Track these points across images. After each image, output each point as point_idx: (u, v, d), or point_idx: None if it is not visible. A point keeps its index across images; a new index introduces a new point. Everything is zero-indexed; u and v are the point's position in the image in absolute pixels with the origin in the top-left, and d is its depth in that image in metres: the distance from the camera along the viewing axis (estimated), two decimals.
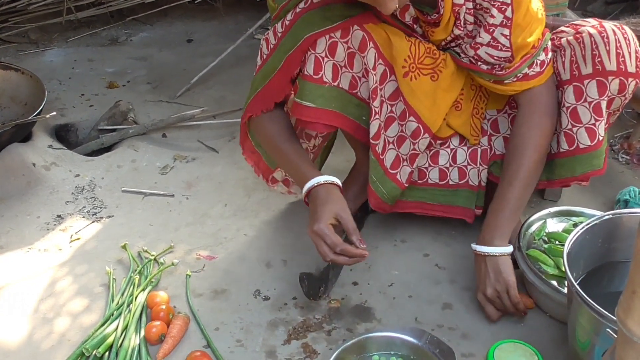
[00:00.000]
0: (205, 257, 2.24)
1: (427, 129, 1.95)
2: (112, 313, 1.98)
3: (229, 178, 2.63)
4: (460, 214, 2.17)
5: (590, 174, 1.99)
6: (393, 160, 2.02)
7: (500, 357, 1.70)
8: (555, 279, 1.95)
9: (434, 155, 2.08)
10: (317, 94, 1.91)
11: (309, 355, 1.89)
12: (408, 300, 2.07)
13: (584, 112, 1.92)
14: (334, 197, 1.88)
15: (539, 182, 2.05)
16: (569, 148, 1.97)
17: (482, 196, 2.15)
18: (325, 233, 1.81)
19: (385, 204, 2.08)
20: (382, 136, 1.98)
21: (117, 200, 2.53)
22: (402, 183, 2.04)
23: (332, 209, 1.84)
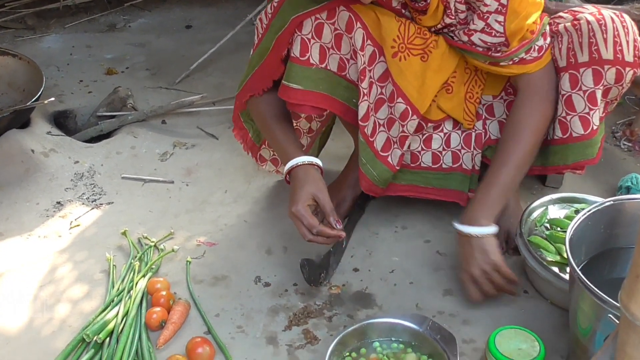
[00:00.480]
0: (206, 243, 2.25)
1: (415, 110, 1.94)
2: (112, 299, 1.99)
3: (228, 165, 2.63)
4: (453, 197, 2.17)
5: (583, 163, 1.99)
6: (384, 143, 2.01)
7: (501, 343, 1.71)
8: (556, 266, 1.95)
9: (427, 139, 2.08)
10: (303, 76, 1.91)
11: (310, 341, 1.89)
12: (409, 286, 2.08)
13: (578, 101, 1.91)
14: (311, 177, 1.90)
15: (534, 168, 2.05)
16: (562, 136, 1.97)
17: (476, 180, 2.14)
18: (302, 215, 1.86)
19: (377, 187, 2.07)
20: (372, 118, 1.97)
21: (117, 187, 2.53)
22: (394, 166, 2.03)
23: (309, 190, 1.88)
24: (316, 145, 2.41)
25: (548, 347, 1.73)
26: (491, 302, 2.00)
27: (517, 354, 1.68)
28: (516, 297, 1.97)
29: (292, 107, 1.97)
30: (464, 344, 1.88)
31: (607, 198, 1.85)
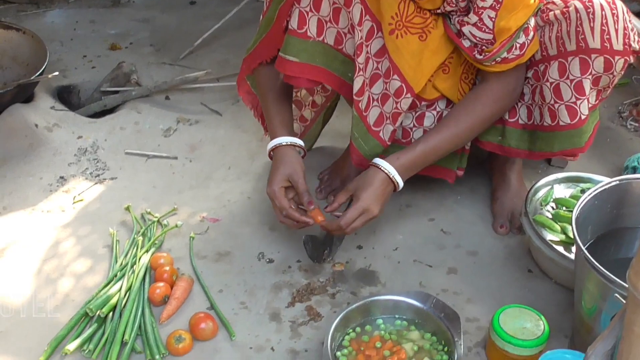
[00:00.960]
0: (209, 219, 2.24)
1: (409, 89, 1.92)
2: (115, 274, 1.98)
3: (232, 141, 2.62)
4: (442, 174, 2.15)
5: (570, 152, 1.97)
6: (377, 118, 1.99)
7: (505, 322, 1.70)
8: (561, 245, 1.94)
9: (420, 116, 2.06)
10: (300, 49, 1.90)
11: (313, 317, 1.89)
12: (412, 264, 2.07)
13: (565, 90, 1.88)
14: (288, 158, 1.95)
15: (519, 151, 2.05)
16: (551, 123, 1.95)
17: (465, 158, 2.13)
18: (275, 196, 1.92)
19: (367, 161, 2.05)
20: (367, 93, 1.95)
21: (120, 162, 2.52)
22: (385, 141, 2.02)
23: (284, 172, 1.92)
24: (320, 120, 2.40)
25: (552, 327, 1.72)
26: (495, 281, 2.00)
27: (521, 333, 1.68)
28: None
29: (289, 79, 1.96)
30: (467, 322, 1.88)
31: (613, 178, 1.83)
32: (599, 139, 2.14)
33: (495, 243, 2.15)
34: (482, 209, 2.28)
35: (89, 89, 2.97)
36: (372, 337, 1.79)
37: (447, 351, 1.74)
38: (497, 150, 2.09)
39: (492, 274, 2.04)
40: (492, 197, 2.29)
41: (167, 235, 2.16)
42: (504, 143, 2.06)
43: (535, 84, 1.95)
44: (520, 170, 2.27)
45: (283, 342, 1.84)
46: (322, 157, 2.41)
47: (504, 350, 1.69)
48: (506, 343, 1.68)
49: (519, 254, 2.10)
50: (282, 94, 2.07)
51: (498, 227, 2.19)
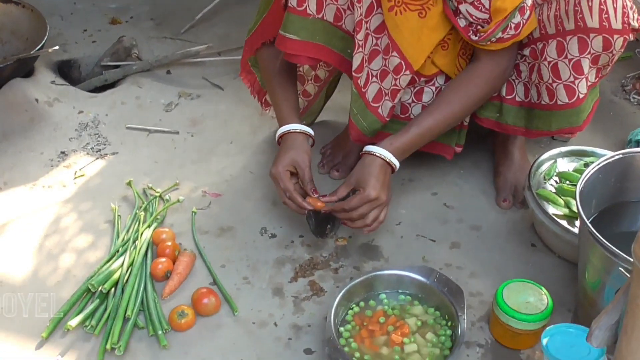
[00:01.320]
0: (211, 194, 2.23)
1: (408, 66, 1.91)
2: (117, 249, 1.98)
3: (234, 115, 2.60)
4: (440, 150, 2.14)
5: (567, 130, 1.96)
6: (375, 94, 1.99)
7: (508, 296, 1.70)
8: (565, 219, 1.93)
9: (418, 92, 2.04)
10: (300, 26, 1.90)
11: (316, 292, 1.89)
12: (416, 239, 2.07)
13: (563, 69, 1.86)
14: (296, 144, 1.95)
15: (516, 128, 2.05)
16: (549, 102, 1.93)
17: (464, 135, 2.12)
18: (280, 177, 1.92)
19: (365, 137, 2.06)
20: (366, 69, 1.95)
21: (122, 137, 2.50)
22: (383, 117, 2.01)
23: (291, 157, 1.93)
24: (323, 95, 2.39)
25: (556, 301, 1.72)
26: (499, 255, 2.00)
27: (524, 307, 1.67)
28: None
29: (289, 57, 1.96)
30: (471, 296, 1.87)
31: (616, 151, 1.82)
32: (602, 113, 2.13)
33: (498, 217, 2.14)
34: (485, 183, 2.26)
35: (90, 63, 2.95)
36: (376, 312, 1.79)
37: (450, 326, 1.74)
38: (495, 127, 2.08)
39: (495, 248, 2.03)
40: (495, 171, 2.28)
41: (169, 210, 2.15)
42: (501, 120, 2.05)
43: (533, 62, 1.93)
44: (523, 145, 2.26)
45: (286, 317, 1.84)
46: (324, 132, 2.39)
47: (508, 324, 1.69)
48: (510, 317, 1.67)
49: (522, 228, 2.09)
50: (287, 76, 2.07)
51: (501, 202, 2.18)
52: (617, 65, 2.01)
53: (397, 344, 1.71)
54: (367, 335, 1.74)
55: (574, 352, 1.50)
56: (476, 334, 1.79)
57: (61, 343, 1.77)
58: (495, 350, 1.75)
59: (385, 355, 1.69)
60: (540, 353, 1.71)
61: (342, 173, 2.27)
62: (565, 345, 1.52)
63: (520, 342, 1.73)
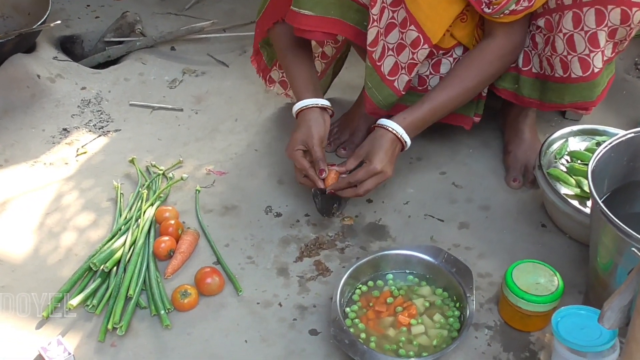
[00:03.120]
0: (215, 172, 2.22)
1: (427, 40, 1.89)
2: (119, 228, 1.96)
3: (239, 93, 2.59)
4: (459, 121, 2.13)
5: (580, 105, 1.94)
6: (391, 67, 1.97)
7: (518, 277, 1.67)
8: (576, 199, 1.90)
9: (436, 63, 2.03)
10: (315, 2, 1.88)
11: (322, 272, 1.87)
12: (423, 218, 2.05)
13: (579, 41, 1.82)
14: (309, 122, 1.95)
15: (532, 100, 2.02)
16: (563, 75, 1.90)
17: (482, 104, 2.11)
18: (295, 158, 1.93)
19: (381, 110, 2.05)
20: (381, 42, 1.93)
21: (125, 114, 2.49)
22: (399, 90, 2.00)
23: (301, 136, 1.94)
24: (330, 72, 2.37)
25: (567, 282, 1.70)
26: (508, 235, 1.98)
27: (534, 289, 1.65)
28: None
29: (302, 33, 1.94)
30: (479, 277, 1.85)
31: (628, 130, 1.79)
32: (614, 91, 2.10)
33: (508, 197, 2.12)
34: (494, 163, 2.24)
35: (93, 39, 2.93)
36: (383, 293, 1.77)
37: (458, 307, 1.73)
38: (512, 98, 2.05)
39: (504, 228, 2.01)
40: (504, 150, 2.25)
41: (172, 188, 2.13)
42: (518, 91, 2.03)
43: (548, 34, 1.89)
44: (533, 123, 2.23)
45: (291, 298, 1.82)
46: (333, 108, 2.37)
47: (517, 306, 1.67)
48: (519, 299, 1.65)
49: (533, 208, 2.07)
50: (302, 50, 2.06)
51: (511, 181, 2.15)
52: (631, 43, 1.98)
53: (404, 325, 1.69)
54: (373, 316, 1.72)
55: (585, 335, 1.49)
56: (485, 315, 1.77)
57: (62, 322, 1.75)
58: (504, 332, 1.73)
59: (391, 336, 1.68)
60: (550, 335, 1.69)
61: (349, 151, 2.25)
62: (576, 327, 1.50)
63: (530, 324, 1.71)
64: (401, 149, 1.92)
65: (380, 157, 1.86)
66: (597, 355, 1.47)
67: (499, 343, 1.70)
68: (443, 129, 2.21)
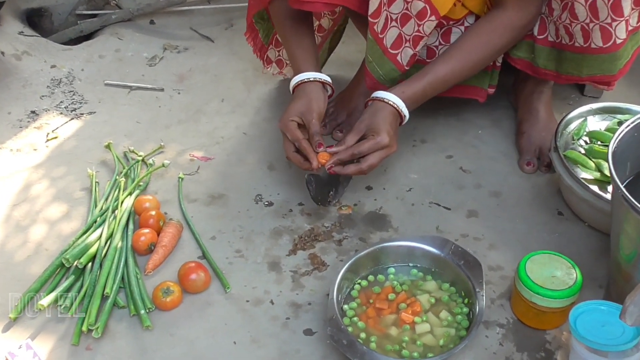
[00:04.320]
0: (200, 158, 2.23)
1: (434, 11, 1.89)
2: (95, 220, 1.97)
3: (226, 70, 2.59)
4: (471, 94, 2.14)
5: (599, 79, 1.95)
6: (394, 40, 1.97)
7: (532, 270, 1.67)
8: (595, 184, 1.91)
9: (446, 33, 2.03)
10: None
11: (317, 267, 1.88)
12: (428, 206, 2.06)
13: (601, 8, 1.82)
14: (306, 96, 1.97)
15: (548, 72, 2.03)
16: (583, 44, 1.91)
17: (496, 76, 2.12)
18: (287, 127, 1.93)
19: (382, 86, 2.05)
20: (384, 13, 1.93)
21: (100, 95, 2.50)
22: (402, 65, 2.00)
23: (298, 109, 1.95)
24: (326, 47, 2.38)
25: (586, 275, 1.70)
26: (521, 224, 1.98)
27: (550, 282, 1.65)
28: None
29: (301, 5, 1.93)
30: (490, 270, 1.86)
31: None
32: (638, 66, 2.09)
33: (521, 182, 2.13)
34: (506, 145, 2.25)
35: (63, 12, 2.93)
36: (384, 288, 1.77)
37: (467, 303, 1.73)
38: (528, 68, 2.06)
39: (517, 216, 2.02)
40: (517, 131, 2.26)
41: (152, 176, 2.14)
42: (534, 62, 2.04)
43: (567, 0, 1.89)
44: (549, 101, 2.24)
45: (284, 294, 1.83)
46: None
47: (531, 301, 1.67)
48: (534, 294, 1.65)
49: (548, 194, 2.08)
50: (302, 24, 2.07)
51: (524, 165, 2.16)
52: None
53: (408, 323, 1.69)
54: (374, 314, 1.72)
55: (606, 332, 1.49)
56: (496, 312, 1.77)
57: (31, 325, 1.75)
58: (517, 330, 1.73)
59: (394, 336, 1.68)
60: (567, 333, 1.69)
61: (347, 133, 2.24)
62: (596, 324, 1.50)
63: (546, 322, 1.71)
64: (400, 123, 1.93)
65: (385, 129, 1.87)
66: (619, 354, 1.47)
67: (512, 342, 1.70)
68: (449, 107, 2.21)
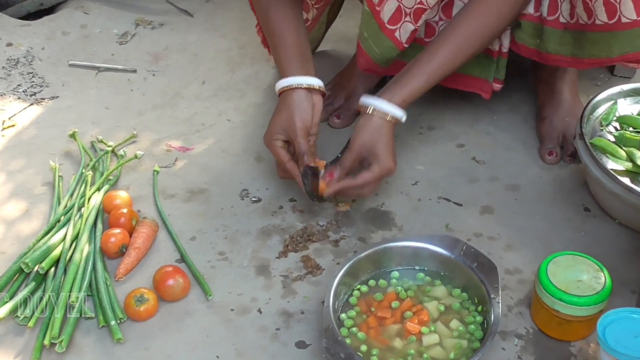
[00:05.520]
0: (178, 148, 2.23)
1: None
2: (58, 219, 1.96)
3: (207, 49, 2.61)
4: (474, 87, 2.14)
5: (633, 57, 1.94)
6: (393, 13, 1.97)
7: (555, 274, 1.67)
8: (627, 176, 1.90)
9: (447, 6, 2.02)
10: None
11: (311, 270, 1.88)
12: (437, 202, 2.06)
13: None
14: (291, 107, 1.94)
15: (561, 57, 2.01)
16: (608, 21, 1.89)
17: (503, 66, 2.11)
18: (271, 148, 1.96)
19: (377, 66, 2.06)
20: None
21: (63, 77, 2.51)
22: (401, 42, 2.00)
23: (282, 124, 1.94)
24: (323, 20, 2.37)
25: (615, 279, 1.69)
26: (542, 222, 1.98)
27: (575, 287, 1.64)
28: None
29: None
30: (507, 274, 1.86)
31: None
32: None
33: (542, 174, 2.13)
34: (525, 132, 2.26)
35: None
36: (386, 295, 1.77)
37: (481, 311, 1.72)
38: (534, 56, 2.05)
39: (538, 213, 2.02)
40: (538, 116, 2.27)
41: (124, 168, 2.14)
42: (541, 48, 2.02)
43: None
44: (574, 81, 2.24)
45: (273, 302, 1.83)
46: (323, 67, 2.36)
47: (554, 309, 1.66)
48: (556, 300, 1.65)
49: (573, 187, 2.08)
50: (288, 7, 2.04)
51: (546, 154, 2.16)
52: None
53: (414, 334, 1.69)
54: (375, 324, 1.72)
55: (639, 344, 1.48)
56: (514, 321, 1.77)
57: None
58: (538, 341, 1.73)
59: (398, 348, 1.68)
60: (595, 345, 1.69)
61: (345, 120, 2.25)
62: (627, 335, 1.51)
63: (570, 332, 1.71)
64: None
65: (386, 153, 1.87)
66: None
67: (532, 355, 1.70)
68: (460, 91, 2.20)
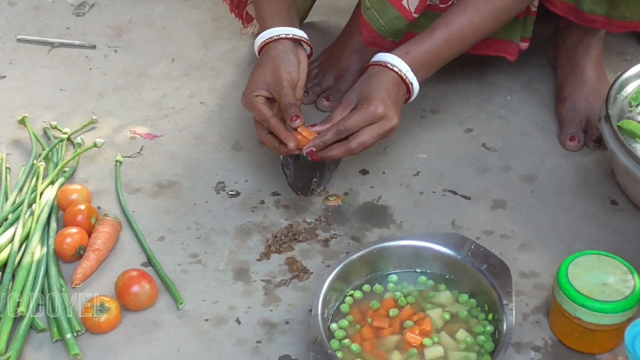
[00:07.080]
0: (144, 135, 2.24)
1: None
2: (5, 217, 1.97)
3: (177, 22, 2.62)
4: (499, 50, 2.16)
5: None
6: None
7: (577, 276, 1.67)
8: None
9: None
10: None
11: (297, 274, 1.88)
12: (441, 195, 2.07)
13: None
14: (276, 58, 1.95)
15: (596, 17, 2.03)
16: None
17: (531, 24, 2.12)
18: (252, 104, 1.93)
19: (383, 39, 2.07)
20: None
21: (10, 54, 2.53)
22: (410, 12, 2.01)
23: (264, 77, 1.94)
24: None
25: None
26: (563, 217, 1.99)
27: (600, 292, 1.65)
28: None
29: None
30: (522, 277, 1.86)
31: None
32: None
33: (562, 163, 2.14)
34: (542, 114, 2.27)
35: None
36: (383, 301, 1.77)
37: (491, 319, 1.73)
38: (571, 15, 2.06)
39: (557, 207, 2.03)
40: (557, 96, 2.27)
41: (81, 159, 2.15)
42: (578, 5, 2.03)
43: None
44: (599, 57, 2.25)
45: (254, 311, 1.83)
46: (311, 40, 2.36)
47: (575, 317, 1.66)
48: (578, 307, 1.65)
49: (598, 177, 2.09)
50: None
51: (567, 140, 2.17)
52: None
53: (415, 346, 1.69)
54: (370, 335, 1.72)
55: None
56: (530, 331, 1.78)
57: None
58: (557, 354, 1.73)
59: None
60: (623, 358, 1.69)
61: (335, 102, 2.25)
62: None
63: (595, 343, 1.71)
64: (407, 95, 1.91)
65: (380, 97, 1.84)
66: None
67: None
68: (468, 66, 2.22)
